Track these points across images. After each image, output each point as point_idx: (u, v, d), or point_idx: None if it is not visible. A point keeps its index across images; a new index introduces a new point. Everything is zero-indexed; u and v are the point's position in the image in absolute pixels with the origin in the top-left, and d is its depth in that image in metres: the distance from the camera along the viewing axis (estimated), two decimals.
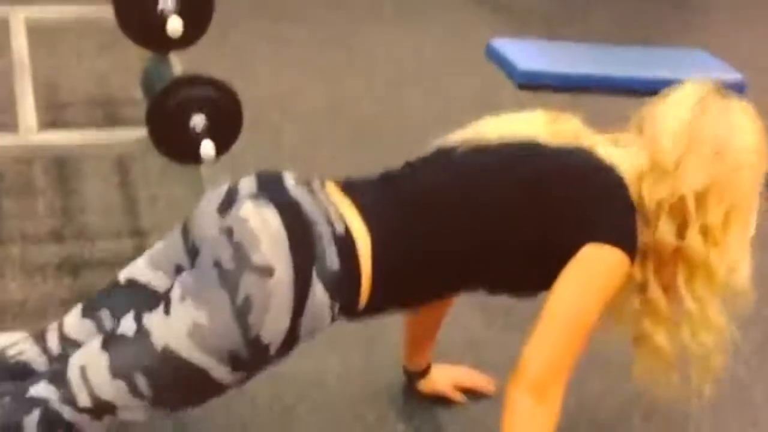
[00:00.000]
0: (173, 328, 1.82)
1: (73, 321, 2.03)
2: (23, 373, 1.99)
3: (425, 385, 2.44)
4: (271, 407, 2.36)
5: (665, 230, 1.96)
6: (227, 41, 2.72)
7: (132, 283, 2.03)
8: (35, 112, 2.89)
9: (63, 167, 3.35)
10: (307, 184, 1.96)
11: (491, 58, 3.28)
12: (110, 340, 1.87)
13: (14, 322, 2.58)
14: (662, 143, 1.96)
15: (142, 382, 1.82)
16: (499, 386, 2.44)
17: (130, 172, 3.38)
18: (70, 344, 1.99)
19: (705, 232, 1.95)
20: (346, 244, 1.86)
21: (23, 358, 2.01)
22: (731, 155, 1.95)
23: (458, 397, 2.44)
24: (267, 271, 1.78)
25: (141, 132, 2.89)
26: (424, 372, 2.43)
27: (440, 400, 2.43)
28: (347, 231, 1.87)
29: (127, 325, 1.87)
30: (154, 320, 1.84)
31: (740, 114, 2.00)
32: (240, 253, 1.80)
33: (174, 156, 2.79)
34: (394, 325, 2.51)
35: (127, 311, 1.90)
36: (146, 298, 1.94)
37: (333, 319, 1.89)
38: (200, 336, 1.79)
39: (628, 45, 3.76)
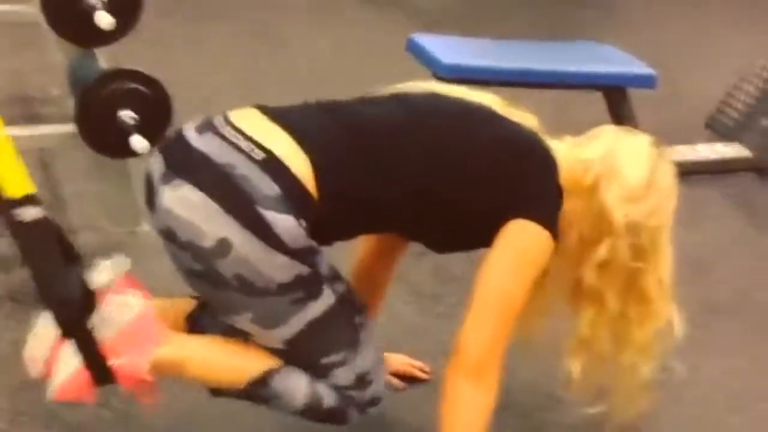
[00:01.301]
0: (260, 336, 1.94)
1: None
2: None
3: None
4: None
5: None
6: (143, 40, 2.71)
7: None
8: None
9: None
10: (211, 126, 1.92)
11: (412, 52, 3.31)
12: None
13: None
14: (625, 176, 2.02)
15: (325, 359, 1.96)
16: (434, 372, 2.50)
17: (51, 168, 3.35)
18: None
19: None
20: (272, 165, 1.83)
21: None
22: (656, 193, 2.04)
23: (396, 383, 2.48)
24: (226, 246, 1.80)
25: (66, 128, 2.89)
26: None
27: None
28: (268, 153, 1.84)
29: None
30: (256, 341, 1.96)
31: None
32: (195, 251, 1.83)
33: (103, 150, 2.80)
34: None
35: None
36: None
37: (313, 229, 1.87)
38: (266, 321, 1.89)
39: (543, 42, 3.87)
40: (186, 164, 1.87)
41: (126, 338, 1.92)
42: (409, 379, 2.50)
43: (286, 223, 1.81)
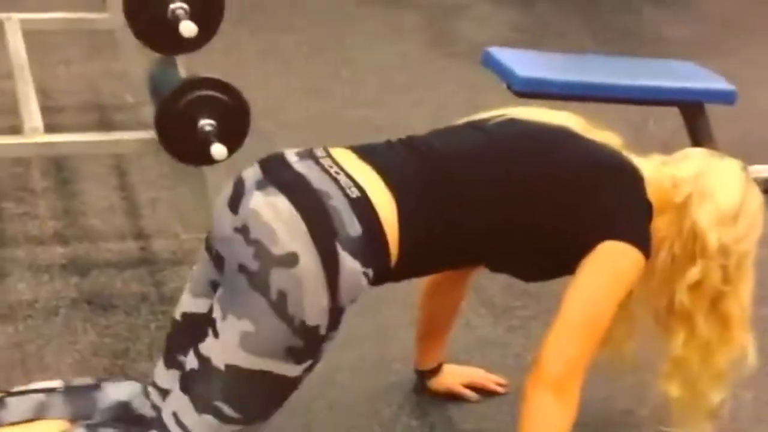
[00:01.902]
0: (226, 346, 1.85)
1: (161, 372, 2.07)
2: (141, 420, 2.03)
3: (437, 383, 2.46)
4: (286, 406, 2.36)
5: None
6: (214, 50, 2.75)
7: (187, 317, 2.05)
8: (40, 114, 2.91)
9: (61, 170, 3.36)
10: (311, 155, 1.96)
11: (488, 65, 3.31)
12: (185, 380, 1.91)
13: (26, 322, 2.59)
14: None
15: (225, 407, 1.85)
16: (508, 385, 2.49)
17: (128, 174, 3.39)
18: (164, 394, 2.01)
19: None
20: (364, 207, 1.85)
21: (143, 411, 2.05)
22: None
23: (470, 395, 2.47)
24: (291, 260, 1.80)
25: (144, 134, 2.93)
26: (436, 370, 2.46)
27: (452, 398, 2.46)
28: (363, 194, 1.87)
29: (191, 360, 1.90)
30: (208, 346, 1.87)
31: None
32: (261, 251, 1.82)
33: (183, 158, 2.82)
34: (404, 321, 2.56)
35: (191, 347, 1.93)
36: (202, 328, 1.94)
37: (372, 283, 1.89)
38: (252, 343, 1.82)
39: (621, 56, 3.86)
40: (283, 180, 1.89)
41: None
42: (483, 391, 2.49)
43: (352, 267, 1.82)
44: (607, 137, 2.11)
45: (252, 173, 1.95)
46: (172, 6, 2.61)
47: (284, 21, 5.05)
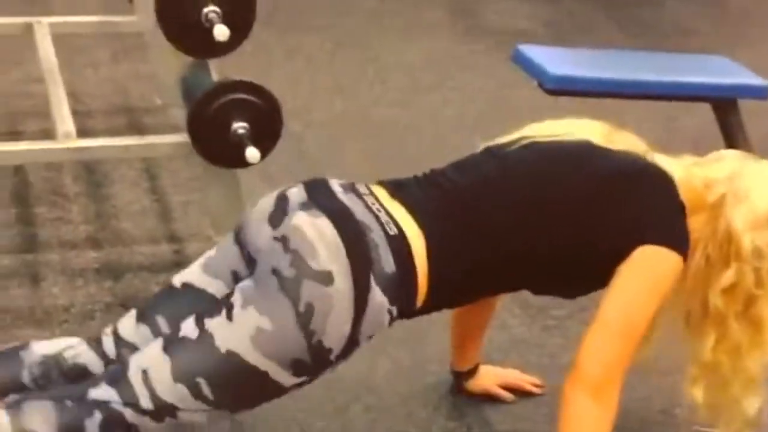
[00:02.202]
0: (237, 333, 1.84)
1: (129, 324, 2.05)
2: (81, 375, 2.01)
3: (473, 385, 2.47)
4: (323, 408, 2.38)
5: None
6: (241, 50, 2.76)
7: (189, 288, 2.04)
8: (72, 119, 2.92)
9: (92, 174, 3.37)
10: (354, 189, 1.99)
11: (518, 63, 3.29)
12: (172, 344, 1.89)
13: (62, 326, 2.60)
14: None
15: (204, 385, 1.84)
16: (543, 386, 2.49)
17: (159, 177, 3.40)
18: (126, 347, 2.01)
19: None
20: (400, 245, 1.89)
21: (80, 360, 2.03)
22: None
23: (506, 396, 2.47)
24: (327, 278, 1.81)
25: (176, 138, 2.94)
26: (472, 372, 2.46)
27: (488, 399, 2.46)
28: (400, 232, 1.90)
29: (189, 328, 1.89)
30: (216, 325, 1.86)
31: None
32: (298, 261, 1.82)
33: (217, 161, 2.83)
34: (440, 323, 2.53)
35: (187, 315, 1.92)
36: (205, 303, 1.95)
37: (392, 321, 1.92)
38: (264, 341, 1.82)
39: (650, 51, 3.83)
40: (328, 206, 1.91)
41: None
42: (519, 392, 2.49)
43: (380, 302, 1.85)
44: (631, 142, 2.11)
45: (297, 194, 1.97)
46: (205, 10, 2.61)
47: (308, 20, 5.05)
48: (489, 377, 2.48)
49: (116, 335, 2.04)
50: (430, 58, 4.73)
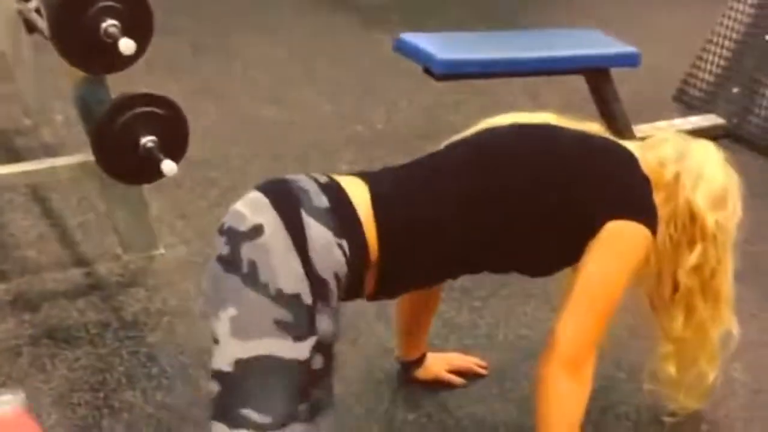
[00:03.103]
0: (224, 344, 1.83)
1: None
2: None
3: (423, 373, 2.47)
4: None
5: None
6: None
7: None
8: None
9: None
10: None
11: (402, 51, 3.31)
12: (213, 409, 1.88)
13: None
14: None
15: (252, 413, 1.81)
16: (488, 366, 2.53)
17: (49, 200, 3.28)
18: None
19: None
20: (332, 187, 1.91)
21: None
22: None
23: (456, 380, 2.48)
24: (256, 231, 1.83)
25: (81, 158, 2.85)
26: (420, 360, 2.46)
27: (440, 386, 2.47)
28: (333, 181, 1.92)
29: (211, 385, 1.88)
30: (215, 358, 1.86)
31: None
32: (230, 234, 1.85)
33: (125, 178, 2.75)
34: (373, 313, 2.60)
35: None
36: None
37: (349, 261, 1.87)
38: (241, 328, 1.82)
39: (523, 29, 3.93)
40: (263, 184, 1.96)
41: None
42: (467, 374, 2.51)
43: (320, 233, 1.84)
44: (586, 125, 2.15)
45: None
46: (103, 25, 2.52)
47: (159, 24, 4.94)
48: (437, 363, 2.49)
49: None
50: (292, 50, 4.71)
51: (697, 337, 2.15)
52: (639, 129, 3.54)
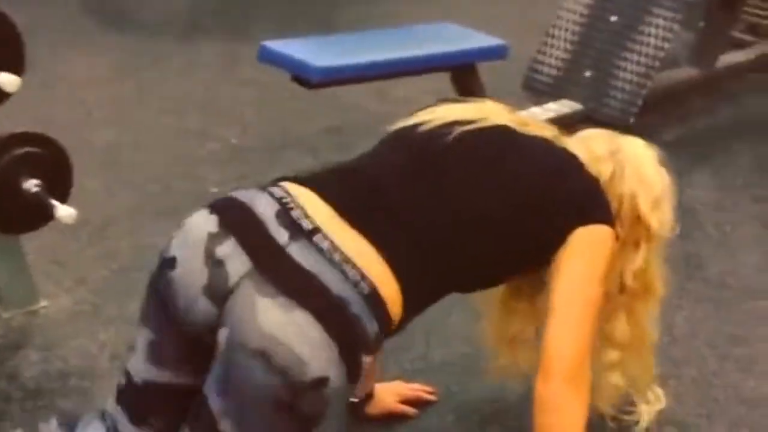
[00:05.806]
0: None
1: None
2: None
3: (374, 407, 2.32)
4: None
5: None
6: None
7: (150, 386, 1.84)
8: None
9: None
10: (300, 231, 1.75)
11: (267, 60, 3.13)
12: None
13: None
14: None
15: None
16: (435, 390, 2.41)
17: None
18: None
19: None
20: (376, 301, 1.75)
21: None
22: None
23: (409, 410, 2.35)
24: (322, 383, 1.69)
25: None
26: (370, 396, 2.32)
27: (394, 419, 2.33)
28: (372, 289, 1.75)
29: None
30: None
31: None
32: (290, 380, 1.67)
33: (9, 227, 2.47)
34: None
35: (168, 416, 1.82)
36: (177, 400, 1.81)
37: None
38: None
39: (382, 29, 3.78)
40: (289, 279, 1.71)
41: None
42: (417, 403, 2.37)
43: (366, 360, 1.76)
44: (540, 125, 2.09)
45: (232, 252, 1.73)
46: None
47: None
48: (387, 395, 2.35)
49: None
50: (113, 66, 4.43)
51: (639, 333, 2.15)
52: None
